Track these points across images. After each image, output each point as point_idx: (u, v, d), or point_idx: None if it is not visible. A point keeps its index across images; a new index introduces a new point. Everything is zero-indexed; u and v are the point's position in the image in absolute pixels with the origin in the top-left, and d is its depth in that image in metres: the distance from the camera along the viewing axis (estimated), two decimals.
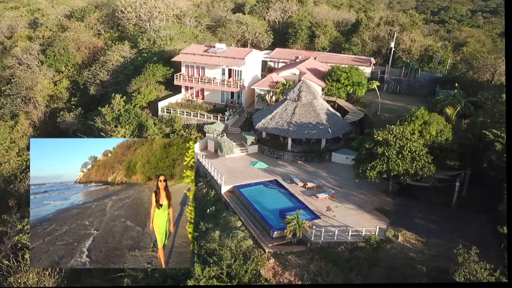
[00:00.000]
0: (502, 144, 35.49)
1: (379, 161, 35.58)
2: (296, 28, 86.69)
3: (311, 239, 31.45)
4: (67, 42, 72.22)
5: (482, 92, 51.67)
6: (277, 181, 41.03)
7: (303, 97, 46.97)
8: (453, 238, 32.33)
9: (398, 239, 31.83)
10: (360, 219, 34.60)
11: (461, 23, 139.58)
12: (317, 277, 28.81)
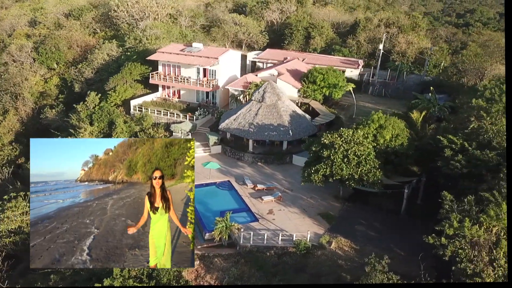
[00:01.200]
0: (452, 150, 33.93)
1: (323, 165, 34.56)
2: (292, 29, 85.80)
3: (240, 242, 30.79)
4: (59, 40, 73.64)
5: (460, 96, 49.78)
6: (229, 183, 40.50)
7: (267, 98, 46.26)
8: (390, 246, 31.10)
9: (331, 246, 30.81)
10: (300, 223, 33.70)
11: (486, 26, 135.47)
12: (237, 281, 28.17)
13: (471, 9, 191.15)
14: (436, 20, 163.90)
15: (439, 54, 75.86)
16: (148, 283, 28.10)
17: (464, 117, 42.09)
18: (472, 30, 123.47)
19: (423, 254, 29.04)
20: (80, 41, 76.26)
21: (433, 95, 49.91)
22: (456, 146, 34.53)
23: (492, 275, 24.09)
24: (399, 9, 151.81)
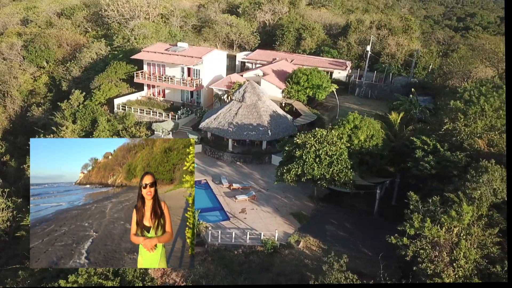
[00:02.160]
0: (424, 152, 33.98)
1: (295, 164, 34.62)
2: (284, 30, 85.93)
3: (208, 240, 30.85)
4: (48, 39, 73.87)
5: (442, 98, 49.85)
6: (207, 182, 40.58)
7: (247, 98, 46.37)
8: (358, 247, 31.15)
9: (299, 245, 30.86)
10: (270, 222, 33.75)
11: (486, 30, 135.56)
12: (201, 279, 28.23)
13: (471, 13, 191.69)
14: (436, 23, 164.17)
15: (428, 56, 75.86)
16: (114, 280, 28.17)
17: (442, 119, 42.18)
18: (471, 34, 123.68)
19: (389, 254, 29.14)
20: (70, 39, 76.52)
21: (414, 97, 49.95)
22: (429, 147, 34.60)
23: (452, 275, 24.11)
24: (399, 12, 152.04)
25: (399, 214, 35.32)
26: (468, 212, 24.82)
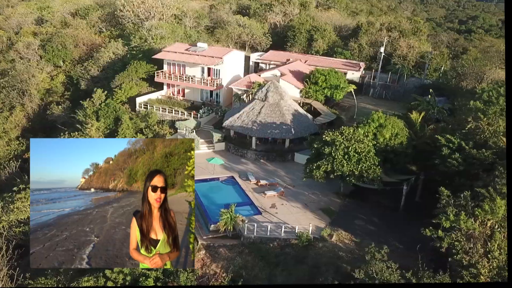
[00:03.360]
0: (450, 149, 35.10)
1: (325, 161, 35.72)
2: (295, 32, 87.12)
3: (244, 233, 31.90)
4: (65, 38, 74.86)
5: (459, 99, 50.99)
6: (233, 178, 41.63)
7: (270, 97, 47.46)
8: (388, 240, 32.17)
9: (332, 238, 31.92)
10: (301, 217, 34.81)
11: (488, 33, 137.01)
12: (241, 270, 29.27)
13: (473, 16, 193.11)
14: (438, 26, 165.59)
15: (439, 58, 77.09)
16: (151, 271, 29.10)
17: (462, 118, 43.32)
18: (474, 37, 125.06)
19: (421, 247, 30.20)
20: (86, 39, 77.51)
21: (432, 97, 51.10)
22: (454, 145, 35.71)
23: (487, 266, 25.18)
24: (401, 15, 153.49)
25: (423, 210, 36.61)
26: (501, 206, 25.90)
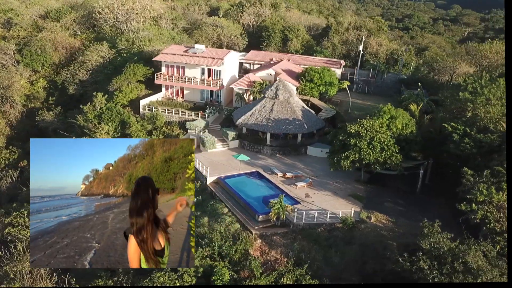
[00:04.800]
0: (459, 135, 39.84)
1: (352, 151, 39.14)
2: (269, 32, 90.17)
3: (293, 221, 34.49)
4: (44, 42, 72.56)
5: (442, 91, 56.59)
6: (258, 173, 43.91)
7: (280, 95, 50.16)
8: (418, 218, 36.11)
9: (371, 220, 35.36)
10: (336, 203, 37.96)
11: (423, 30, 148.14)
12: (300, 254, 31.83)
13: (408, 14, 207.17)
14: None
15: (407, 54, 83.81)
16: (222, 261, 30.92)
17: (452, 108, 48.71)
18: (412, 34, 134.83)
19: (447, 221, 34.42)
20: (65, 43, 75.50)
21: (421, 90, 56.40)
22: (460, 131, 40.53)
23: None
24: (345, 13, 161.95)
25: (436, 191, 41.33)
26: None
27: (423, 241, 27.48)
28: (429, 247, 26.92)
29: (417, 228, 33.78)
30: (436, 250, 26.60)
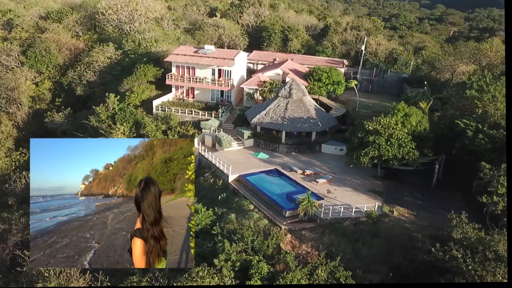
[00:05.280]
0: (472, 131, 41.48)
1: (371, 148, 40.49)
2: (270, 32, 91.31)
3: (320, 216, 35.65)
4: (49, 44, 72.38)
5: (447, 89, 58.42)
6: (277, 170, 44.97)
7: (294, 94, 51.32)
8: (438, 211, 37.76)
9: (394, 214, 36.74)
10: (358, 199, 39.25)
11: (410, 30, 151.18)
12: (331, 247, 33.00)
13: (395, 14, 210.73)
14: None
15: (405, 54, 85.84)
16: (256, 255, 31.87)
17: (459, 106, 50.47)
18: (400, 33, 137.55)
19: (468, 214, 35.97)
20: (69, 44, 75.39)
21: (427, 89, 58.14)
22: (472, 128, 42.18)
23: None
24: (334, 13, 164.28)
25: (449, 185, 42.91)
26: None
27: (453, 232, 28.85)
28: (460, 237, 28.31)
29: (439, 221, 35.56)
30: (466, 240, 28.02)
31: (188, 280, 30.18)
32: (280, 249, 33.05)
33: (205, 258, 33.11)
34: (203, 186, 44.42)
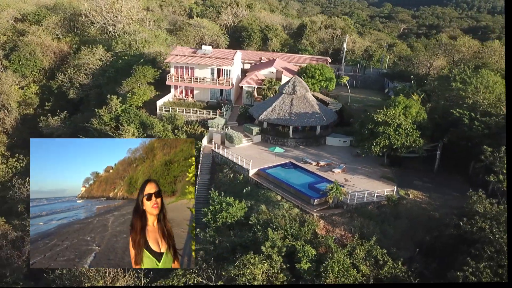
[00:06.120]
0: (468, 119, 45.93)
1: (382, 138, 43.96)
2: (249, 32, 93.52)
3: (347, 202, 38.57)
4: (34, 47, 70.62)
5: (430, 83, 63.38)
6: (292, 163, 47.45)
7: (298, 90, 53.99)
8: (446, 192, 41.81)
9: (410, 196, 40.33)
10: (374, 185, 42.53)
11: (364, 27, 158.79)
12: (362, 229, 35.97)
13: (348, 12, 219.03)
14: None
15: (380, 50, 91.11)
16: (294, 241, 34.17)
17: (446, 97, 55.23)
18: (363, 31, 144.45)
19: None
20: (53, 47, 73.85)
21: (414, 82, 62.77)
22: (466, 116, 46.71)
23: None
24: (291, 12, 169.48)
25: (449, 168, 47.25)
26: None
27: (476, 206, 32.65)
28: (483, 211, 32.13)
29: (450, 200, 39.62)
30: (489, 213, 31.87)
31: (237, 269, 31.99)
32: (317, 234, 35.62)
33: (246, 247, 35.05)
34: (223, 181, 46.08)
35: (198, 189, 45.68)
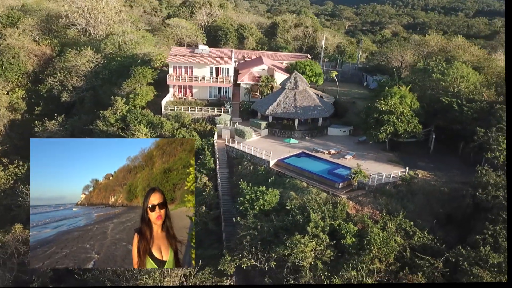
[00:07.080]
0: (456, 105, 51.72)
1: (387, 125, 48.63)
2: (225, 31, 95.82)
3: (368, 183, 42.67)
4: (17, 50, 68.51)
5: (409, 74, 69.39)
6: (304, 153, 50.92)
7: (300, 85, 57.54)
8: (448, 169, 47.23)
9: (419, 176, 45.22)
10: (385, 167, 47.05)
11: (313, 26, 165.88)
12: (388, 206, 40.19)
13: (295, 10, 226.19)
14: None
15: (351, 46, 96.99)
16: (333, 221, 37.68)
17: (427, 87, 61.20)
18: None
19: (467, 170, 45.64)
20: (36, 50, 71.94)
21: (396, 75, 68.49)
22: (454, 103, 52.55)
23: None
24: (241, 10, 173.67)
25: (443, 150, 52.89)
26: None
27: (486, 178, 37.88)
28: (494, 181, 37.42)
29: (454, 176, 44.96)
30: (499, 183, 37.22)
31: (289, 249, 34.93)
32: (349, 214, 39.34)
33: (288, 230, 38.02)
34: (244, 173, 48.58)
35: (221, 182, 47.86)
